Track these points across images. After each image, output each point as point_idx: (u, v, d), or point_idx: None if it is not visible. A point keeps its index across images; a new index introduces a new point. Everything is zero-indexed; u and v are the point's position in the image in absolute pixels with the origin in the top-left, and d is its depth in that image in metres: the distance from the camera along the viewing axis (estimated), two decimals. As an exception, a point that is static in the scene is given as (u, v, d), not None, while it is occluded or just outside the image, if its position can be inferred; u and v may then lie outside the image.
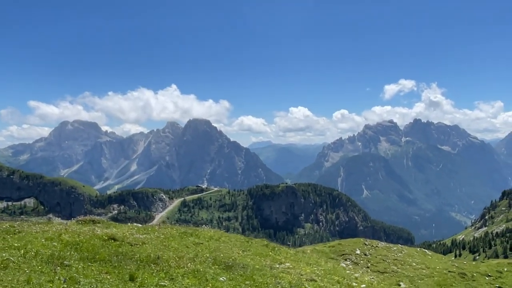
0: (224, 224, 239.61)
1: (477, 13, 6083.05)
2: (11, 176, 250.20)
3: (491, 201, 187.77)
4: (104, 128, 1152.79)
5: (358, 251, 43.84)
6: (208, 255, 17.53)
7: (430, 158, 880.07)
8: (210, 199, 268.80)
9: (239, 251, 20.86)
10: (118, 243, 16.95)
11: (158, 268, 14.10)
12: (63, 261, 13.00)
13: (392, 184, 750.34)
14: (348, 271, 28.28)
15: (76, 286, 11.16)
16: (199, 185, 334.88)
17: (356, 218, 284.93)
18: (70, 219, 24.55)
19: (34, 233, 17.08)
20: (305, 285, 16.10)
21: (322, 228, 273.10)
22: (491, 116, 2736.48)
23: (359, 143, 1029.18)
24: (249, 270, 16.20)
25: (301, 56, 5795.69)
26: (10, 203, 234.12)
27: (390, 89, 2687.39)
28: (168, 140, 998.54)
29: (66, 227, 19.12)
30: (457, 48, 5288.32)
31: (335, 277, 20.53)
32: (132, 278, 12.60)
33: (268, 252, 22.87)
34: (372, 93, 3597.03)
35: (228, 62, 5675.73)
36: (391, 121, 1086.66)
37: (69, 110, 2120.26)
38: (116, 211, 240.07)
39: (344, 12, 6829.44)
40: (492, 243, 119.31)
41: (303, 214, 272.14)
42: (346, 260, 40.66)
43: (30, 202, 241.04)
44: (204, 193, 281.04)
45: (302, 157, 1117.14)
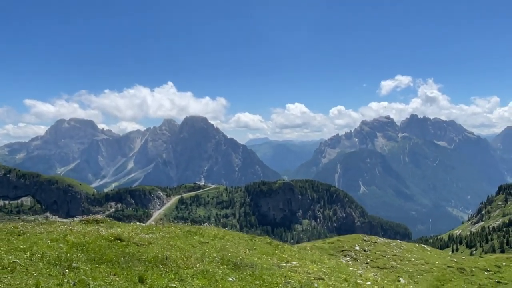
0: (222, 221, 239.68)
1: (473, 9, 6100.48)
2: (8, 175, 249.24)
3: (488, 196, 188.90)
4: (101, 126, 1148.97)
5: (357, 247, 43.70)
6: (215, 255, 17.35)
7: (427, 154, 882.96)
8: (208, 196, 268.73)
9: (245, 250, 20.69)
10: (124, 244, 16.72)
11: (167, 269, 13.90)
12: (71, 263, 12.74)
13: (389, 180, 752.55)
14: (351, 268, 28.20)
15: (86, 289, 10.92)
16: (197, 182, 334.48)
17: (354, 214, 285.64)
18: (68, 218, 24.26)
19: (39, 234, 16.72)
20: (315, 284, 15.96)
21: (320, 224, 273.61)
22: (487, 111, 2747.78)
23: (356, 139, 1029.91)
24: (258, 270, 16.02)
25: (298, 53, 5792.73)
26: (7, 202, 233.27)
27: (387, 85, 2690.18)
28: (165, 138, 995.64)
29: (71, 228, 18.83)
30: (454, 44, 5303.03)
31: (342, 275, 20.44)
32: (142, 280, 12.37)
33: (274, 251, 22.73)
34: (369, 89, 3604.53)
35: (225, 59, 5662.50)
36: (388, 117, 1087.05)
37: (65, 108, 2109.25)
38: (114, 209, 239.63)
39: (340, 9, 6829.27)
40: (489, 238, 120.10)
41: (301, 211, 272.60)
42: (346, 256, 40.45)
43: (27, 201, 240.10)
44: (202, 190, 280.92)
45: (299, 154, 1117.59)
